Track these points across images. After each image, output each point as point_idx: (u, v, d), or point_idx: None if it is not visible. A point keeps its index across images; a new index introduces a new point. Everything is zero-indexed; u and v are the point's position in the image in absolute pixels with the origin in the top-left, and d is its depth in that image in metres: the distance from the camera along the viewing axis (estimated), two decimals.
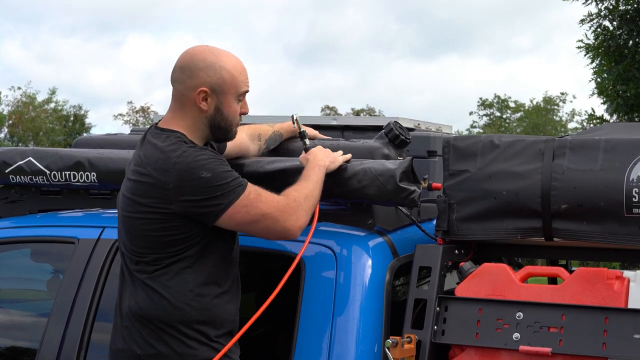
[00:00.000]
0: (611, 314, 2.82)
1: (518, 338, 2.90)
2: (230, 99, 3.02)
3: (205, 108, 3.00)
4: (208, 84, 2.98)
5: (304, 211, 3.00)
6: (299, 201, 2.99)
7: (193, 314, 2.90)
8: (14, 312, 4.22)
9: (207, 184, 2.85)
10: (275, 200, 2.95)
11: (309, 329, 3.10)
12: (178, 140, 2.94)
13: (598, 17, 13.36)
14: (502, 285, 3.03)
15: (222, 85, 2.99)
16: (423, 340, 3.00)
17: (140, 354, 2.91)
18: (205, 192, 2.85)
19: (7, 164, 4.00)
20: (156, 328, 2.90)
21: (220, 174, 2.88)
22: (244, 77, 3.05)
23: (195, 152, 2.90)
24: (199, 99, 2.98)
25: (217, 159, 2.93)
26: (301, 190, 3.03)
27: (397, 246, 3.33)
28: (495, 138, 3.21)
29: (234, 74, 3.01)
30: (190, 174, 2.85)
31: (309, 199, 3.04)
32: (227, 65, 3.00)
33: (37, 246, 3.97)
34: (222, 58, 3.01)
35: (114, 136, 4.29)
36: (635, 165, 2.94)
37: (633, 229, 2.93)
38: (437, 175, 3.62)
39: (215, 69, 2.98)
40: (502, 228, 3.13)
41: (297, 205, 2.98)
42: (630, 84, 12.71)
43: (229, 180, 2.89)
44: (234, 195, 2.88)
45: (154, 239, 2.90)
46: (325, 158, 3.21)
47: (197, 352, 2.88)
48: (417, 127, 4.14)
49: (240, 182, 2.91)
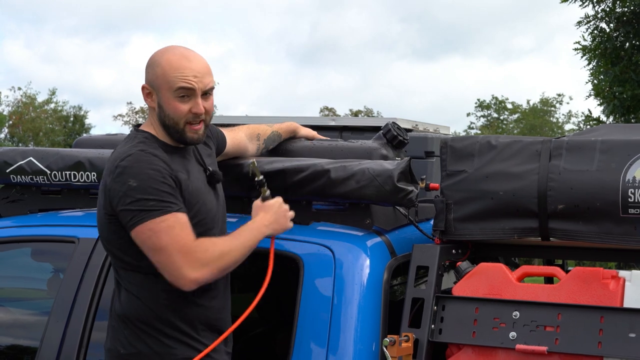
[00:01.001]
0: (607, 313, 2.83)
1: (514, 337, 2.91)
2: (166, 95, 2.93)
3: (152, 105, 2.98)
4: (148, 81, 2.97)
5: (211, 267, 2.80)
6: (210, 254, 2.80)
7: (168, 313, 2.90)
8: (14, 311, 4.23)
9: (128, 193, 2.78)
10: (183, 241, 2.77)
11: (307, 328, 3.11)
12: (137, 142, 2.92)
13: (595, 19, 13.35)
14: (499, 284, 3.05)
15: (155, 81, 2.94)
16: (420, 339, 3.02)
17: (123, 353, 2.93)
18: (123, 200, 2.80)
19: (8, 163, 4.02)
20: (136, 328, 2.91)
21: (146, 189, 2.78)
22: (179, 73, 2.91)
23: (142, 157, 2.84)
24: (144, 96, 2.99)
25: (156, 173, 2.81)
26: (220, 246, 2.84)
27: (395, 246, 3.35)
28: (492, 139, 3.23)
29: (165, 69, 2.92)
30: (121, 178, 2.81)
31: (223, 259, 2.83)
32: (162, 61, 2.94)
33: (37, 245, 3.99)
34: (164, 55, 2.96)
35: (114, 136, 4.31)
36: (631, 166, 2.95)
37: (629, 229, 2.95)
38: (435, 175, 3.65)
39: (153, 66, 2.96)
40: (499, 228, 3.15)
41: (206, 258, 2.79)
42: (626, 85, 12.70)
43: (151, 199, 2.77)
44: (146, 215, 2.76)
45: (117, 242, 2.91)
46: (272, 224, 3.00)
47: (176, 351, 2.89)
48: (415, 128, 4.16)
49: (163, 207, 2.77)
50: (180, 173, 2.91)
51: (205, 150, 3.16)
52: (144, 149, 2.88)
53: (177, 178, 2.87)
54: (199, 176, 3.02)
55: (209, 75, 2.98)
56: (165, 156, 2.90)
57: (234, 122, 3.90)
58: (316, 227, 3.39)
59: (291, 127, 3.73)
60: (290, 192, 3.37)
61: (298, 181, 3.34)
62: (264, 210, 3.03)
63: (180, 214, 2.81)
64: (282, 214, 3.05)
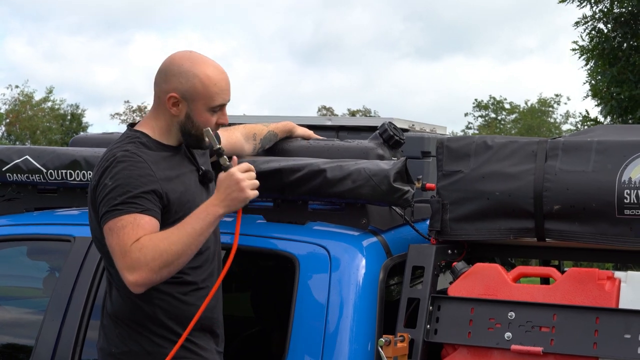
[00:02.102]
0: (602, 314, 2.83)
1: (510, 337, 2.91)
2: (200, 109, 2.95)
3: (175, 113, 2.97)
4: (179, 91, 2.94)
5: (148, 268, 2.68)
6: (145, 254, 2.69)
7: (159, 312, 2.90)
8: (10, 310, 4.23)
9: (104, 191, 2.81)
10: (125, 242, 2.71)
11: (303, 327, 3.11)
12: (127, 142, 2.93)
13: (593, 19, 13.38)
14: (495, 285, 3.05)
15: (192, 94, 2.94)
16: (416, 339, 3.02)
17: (115, 352, 2.93)
18: (98, 197, 2.83)
19: (4, 162, 4.01)
20: (127, 327, 2.92)
21: (115, 189, 2.78)
22: (219, 89, 2.95)
23: (124, 157, 2.85)
24: (168, 103, 2.95)
25: (127, 173, 2.81)
26: (158, 243, 2.71)
27: (391, 246, 3.35)
28: (489, 139, 3.23)
29: (207, 85, 2.93)
30: (101, 177, 2.84)
31: (163, 256, 2.69)
32: (200, 74, 2.94)
33: (33, 244, 3.98)
34: (198, 66, 2.96)
35: (110, 135, 4.30)
36: (627, 167, 2.95)
37: (624, 230, 2.95)
38: (431, 175, 3.64)
39: (188, 77, 2.94)
40: (495, 228, 3.15)
41: (141, 258, 2.69)
42: (624, 86, 12.73)
43: (117, 199, 2.76)
44: (110, 215, 2.76)
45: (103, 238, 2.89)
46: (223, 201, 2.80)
47: (166, 350, 2.87)
48: (412, 128, 4.16)
49: (125, 207, 2.75)
50: (167, 172, 2.91)
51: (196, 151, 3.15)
52: (129, 149, 2.89)
53: (158, 179, 2.86)
54: (191, 176, 3.02)
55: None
56: (152, 157, 2.91)
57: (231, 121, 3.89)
58: (312, 226, 3.39)
59: (287, 126, 3.72)
60: (287, 191, 3.37)
61: (294, 181, 3.33)
62: (217, 187, 2.86)
63: (142, 215, 2.76)
64: (234, 186, 2.81)
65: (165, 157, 2.96)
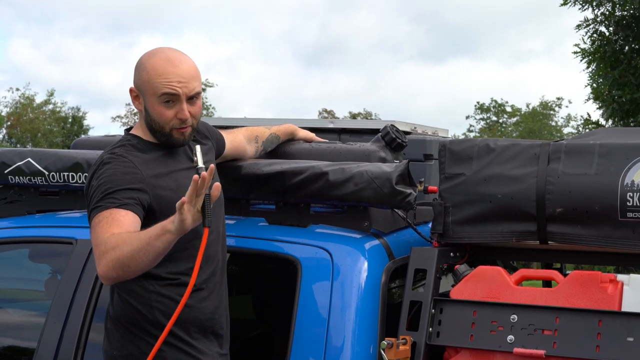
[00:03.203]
0: (605, 317, 2.83)
1: (512, 340, 2.91)
2: (151, 100, 2.94)
3: (139, 108, 3.00)
4: (134, 84, 2.99)
5: (105, 260, 2.66)
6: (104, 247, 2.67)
7: (158, 315, 2.90)
8: (12, 312, 4.23)
9: (88, 192, 2.87)
10: (98, 238, 2.72)
11: (305, 330, 3.11)
12: (116, 147, 2.96)
13: (594, 22, 13.37)
14: (497, 287, 3.05)
15: (141, 86, 2.96)
16: (418, 342, 3.02)
17: (117, 355, 2.95)
18: (87, 197, 2.87)
19: (6, 164, 4.01)
20: (127, 330, 2.93)
21: (101, 187, 2.81)
22: (164, 79, 2.89)
23: (112, 158, 2.88)
24: (131, 98, 3.01)
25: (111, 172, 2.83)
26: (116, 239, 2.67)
27: (393, 248, 3.35)
28: (491, 142, 3.23)
29: (150, 74, 2.92)
30: (89, 178, 2.90)
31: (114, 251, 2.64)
32: (148, 66, 2.93)
33: (35, 246, 3.99)
34: (150, 58, 2.95)
35: (112, 137, 4.30)
36: (630, 170, 2.95)
37: (627, 233, 2.94)
38: (433, 178, 3.64)
39: (139, 70, 2.96)
40: (497, 231, 3.14)
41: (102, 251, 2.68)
42: (625, 89, 12.70)
43: (100, 198, 2.78)
44: (92, 214, 2.80)
45: None
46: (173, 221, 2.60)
47: (165, 354, 2.88)
48: (414, 131, 4.16)
49: (102, 204, 2.76)
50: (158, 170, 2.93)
51: (202, 148, 3.13)
52: (116, 151, 2.92)
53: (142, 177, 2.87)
54: (188, 173, 2.94)
55: (195, 80, 2.95)
56: (142, 158, 2.93)
57: (232, 124, 3.90)
58: (314, 229, 3.39)
59: (289, 129, 3.72)
60: (289, 194, 3.37)
61: (296, 183, 3.33)
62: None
63: (119, 209, 2.74)
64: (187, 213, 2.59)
65: (158, 156, 2.98)
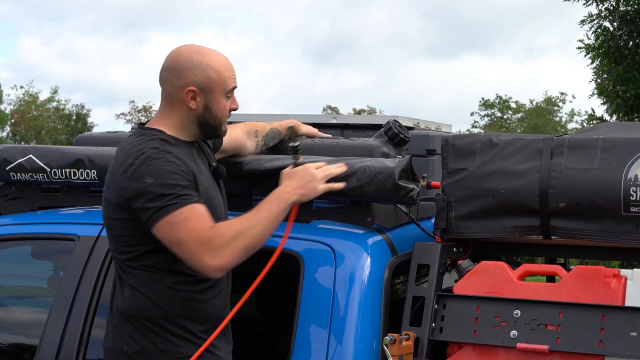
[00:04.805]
0: (608, 311, 2.83)
1: (515, 335, 2.91)
2: (218, 97, 3.01)
3: (194, 107, 2.99)
4: (196, 83, 2.97)
5: (229, 250, 2.79)
6: (224, 238, 2.79)
7: (174, 310, 2.90)
8: (14, 309, 4.24)
9: (146, 191, 2.81)
10: (199, 230, 2.79)
11: (308, 326, 3.11)
12: (148, 139, 2.93)
13: (598, 17, 13.36)
14: (500, 283, 3.04)
15: (209, 84, 2.98)
16: (421, 338, 3.02)
17: (127, 351, 2.92)
18: (141, 197, 2.82)
19: (7, 161, 4.01)
20: (141, 326, 2.91)
21: (162, 185, 2.81)
22: (231, 74, 3.03)
23: (155, 154, 2.87)
24: (187, 98, 2.98)
25: (171, 169, 2.85)
26: (235, 226, 2.83)
27: (396, 244, 3.34)
28: (494, 137, 3.22)
29: (220, 72, 2.99)
30: (137, 176, 2.84)
31: (241, 238, 2.81)
32: (213, 64, 2.99)
33: (37, 243, 3.98)
34: (207, 57, 3.00)
35: (114, 134, 4.30)
36: (633, 164, 2.95)
37: (630, 228, 2.94)
38: (436, 173, 3.64)
39: (201, 68, 2.98)
40: (500, 226, 3.14)
41: (221, 242, 2.78)
42: (630, 84, 12.70)
43: (168, 194, 2.80)
44: (164, 211, 2.79)
45: (127, 238, 2.91)
46: (296, 189, 2.95)
47: (181, 349, 2.89)
48: (417, 126, 4.16)
49: (179, 200, 2.80)
50: (194, 166, 2.95)
51: (205, 146, 3.17)
52: (156, 146, 2.90)
53: (192, 171, 2.91)
54: (205, 170, 3.05)
55: None
56: (178, 151, 2.94)
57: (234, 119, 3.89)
58: (317, 225, 3.38)
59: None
60: None
61: None
62: (289, 177, 3.01)
63: (198, 204, 2.83)
64: (309, 178, 2.98)
65: (187, 153, 2.99)
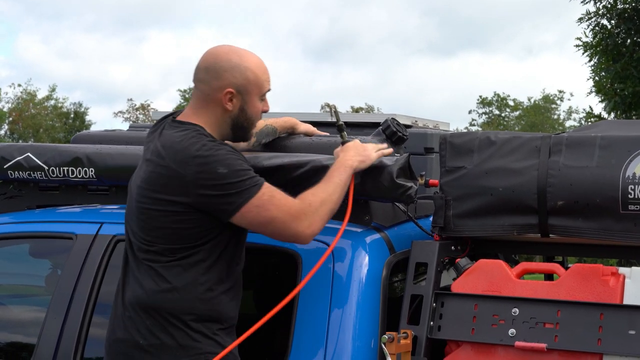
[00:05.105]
0: (606, 310, 2.83)
1: (514, 334, 2.91)
2: (254, 99, 3.05)
3: (230, 108, 3.02)
4: (234, 85, 3.00)
5: (319, 217, 2.96)
6: (314, 206, 2.94)
7: (201, 308, 2.90)
8: (12, 308, 4.23)
9: (223, 180, 2.86)
10: (288, 204, 2.92)
11: (306, 324, 3.11)
12: (197, 133, 2.95)
13: (596, 15, 13.36)
14: (498, 281, 3.05)
15: (247, 86, 3.02)
16: (419, 336, 3.02)
17: (143, 344, 2.90)
18: (220, 188, 2.86)
19: (5, 159, 4.00)
20: (162, 318, 2.89)
21: (237, 172, 2.87)
22: (267, 77, 3.08)
23: (215, 145, 2.91)
24: (225, 99, 3.01)
25: (235, 155, 2.93)
26: (319, 194, 2.98)
27: (394, 242, 3.34)
28: (492, 135, 3.22)
29: (257, 74, 3.04)
30: (208, 168, 2.86)
31: (326, 204, 2.98)
32: (251, 66, 3.03)
33: (35, 242, 3.98)
34: (245, 58, 3.04)
35: (112, 132, 4.30)
36: (631, 162, 2.95)
37: (628, 226, 2.94)
38: (434, 172, 3.63)
39: (240, 70, 3.01)
40: (499, 224, 3.14)
41: (312, 210, 2.94)
42: (627, 82, 12.70)
43: (245, 179, 2.88)
44: (247, 195, 2.87)
45: (171, 231, 2.91)
46: (355, 157, 3.12)
47: (200, 344, 2.89)
48: (415, 124, 4.15)
49: (256, 182, 2.90)
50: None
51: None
52: (213, 139, 2.96)
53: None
54: None
55: None
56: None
57: None
58: None
59: (289, 122, 3.71)
60: (290, 188, 3.35)
61: (297, 177, 3.32)
62: (344, 151, 3.16)
63: (267, 183, 2.94)
64: (362, 148, 3.16)
65: None
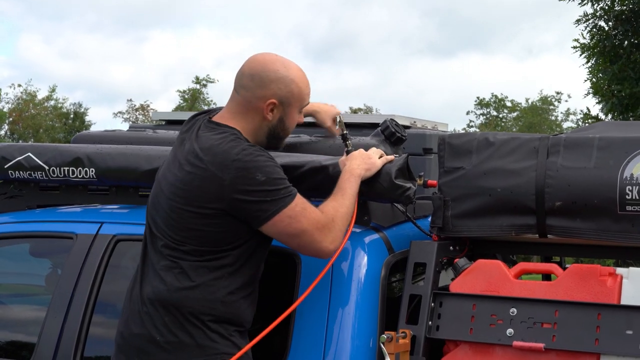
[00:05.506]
0: (604, 310, 2.84)
1: (512, 334, 2.92)
2: (294, 112, 3.07)
3: (270, 118, 3.03)
4: (278, 96, 3.01)
5: (340, 232, 2.98)
6: (336, 221, 2.96)
7: (221, 310, 2.90)
8: (12, 307, 4.23)
9: (260, 187, 2.85)
10: (316, 218, 2.92)
11: (305, 324, 3.12)
12: (235, 137, 2.95)
13: (594, 17, 13.37)
14: (496, 281, 3.05)
15: (290, 99, 3.03)
16: (418, 336, 3.03)
17: (159, 341, 2.89)
18: (256, 194, 2.86)
19: (6, 159, 4.00)
20: (181, 316, 2.89)
21: (274, 180, 2.88)
22: (309, 90, 3.10)
23: (255, 151, 2.91)
24: (267, 109, 3.01)
25: (274, 163, 2.93)
26: (339, 209, 2.99)
27: (393, 242, 3.35)
28: (490, 135, 3.23)
29: (301, 88, 3.06)
30: (246, 173, 2.85)
31: (345, 218, 3.01)
32: (296, 79, 3.04)
33: (35, 241, 3.98)
34: (291, 70, 3.04)
35: (112, 132, 4.31)
36: (629, 163, 2.95)
37: (626, 226, 2.95)
38: (433, 172, 3.64)
39: (286, 82, 3.01)
40: (497, 225, 3.15)
41: (334, 225, 2.95)
42: (625, 83, 12.72)
43: (281, 188, 2.88)
44: (282, 204, 2.88)
45: (203, 233, 2.90)
46: (361, 166, 3.14)
47: (218, 345, 2.89)
48: (413, 125, 4.16)
49: (290, 192, 2.90)
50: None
51: None
52: (250, 144, 2.96)
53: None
54: None
55: None
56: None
57: None
58: None
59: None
60: None
61: (296, 177, 3.32)
62: (350, 159, 3.18)
63: (299, 194, 2.94)
64: (367, 156, 3.19)
65: None
